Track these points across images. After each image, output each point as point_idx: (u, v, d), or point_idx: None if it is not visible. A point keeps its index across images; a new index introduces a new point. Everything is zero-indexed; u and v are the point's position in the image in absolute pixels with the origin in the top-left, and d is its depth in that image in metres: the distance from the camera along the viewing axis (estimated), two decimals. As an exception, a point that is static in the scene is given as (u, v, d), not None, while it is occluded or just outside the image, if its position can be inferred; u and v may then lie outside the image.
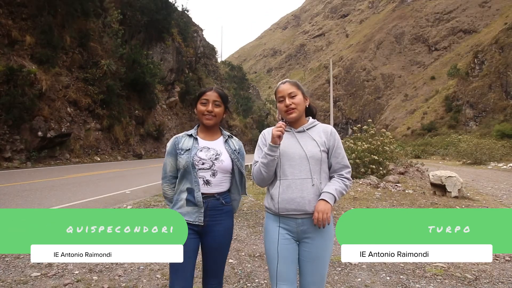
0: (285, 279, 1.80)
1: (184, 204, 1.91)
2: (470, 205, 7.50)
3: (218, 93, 1.98)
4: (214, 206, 1.92)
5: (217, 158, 1.93)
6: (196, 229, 1.91)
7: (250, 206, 6.68)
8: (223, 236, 1.96)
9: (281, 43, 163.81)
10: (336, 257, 3.93)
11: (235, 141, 2.07)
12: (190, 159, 1.89)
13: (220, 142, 2.01)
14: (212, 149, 1.95)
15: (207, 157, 1.91)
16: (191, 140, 1.96)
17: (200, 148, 1.94)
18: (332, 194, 1.79)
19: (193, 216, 1.90)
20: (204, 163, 1.90)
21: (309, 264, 1.84)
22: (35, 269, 3.33)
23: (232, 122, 46.83)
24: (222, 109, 1.99)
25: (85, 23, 20.47)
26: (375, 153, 11.07)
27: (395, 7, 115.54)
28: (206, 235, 1.94)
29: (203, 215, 1.90)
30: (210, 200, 1.91)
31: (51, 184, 8.83)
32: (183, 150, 1.93)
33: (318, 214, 1.75)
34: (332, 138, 1.91)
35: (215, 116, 1.96)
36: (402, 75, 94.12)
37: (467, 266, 3.72)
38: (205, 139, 1.99)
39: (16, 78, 14.49)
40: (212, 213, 1.92)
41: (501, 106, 47.91)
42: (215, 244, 1.95)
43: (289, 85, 1.91)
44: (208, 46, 48.93)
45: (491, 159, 25.68)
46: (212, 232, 1.93)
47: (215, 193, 1.93)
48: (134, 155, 23.24)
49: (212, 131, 2.02)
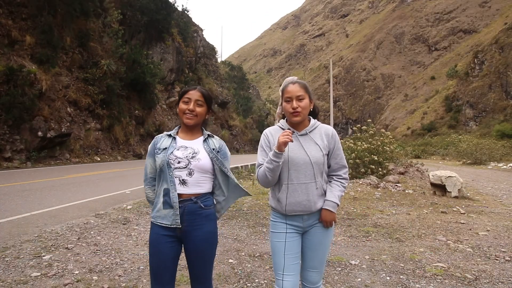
0: (289, 271, 1.91)
1: (162, 207, 1.86)
2: (470, 205, 7.50)
3: (201, 92, 1.94)
4: (192, 210, 1.86)
5: (193, 156, 1.88)
6: (173, 233, 1.86)
7: (250, 206, 6.68)
8: (203, 241, 1.88)
9: (281, 43, 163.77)
10: (336, 257, 3.93)
11: (215, 140, 2.01)
12: (166, 157, 1.85)
13: (199, 141, 1.96)
14: (189, 148, 1.91)
15: (183, 156, 1.87)
16: (170, 140, 1.94)
17: (177, 147, 1.90)
18: (335, 202, 1.93)
19: (170, 219, 1.84)
20: (180, 161, 1.86)
21: (310, 251, 1.98)
22: (35, 269, 3.33)
23: (232, 122, 46.82)
24: (205, 109, 1.95)
25: (85, 23, 20.46)
26: (375, 153, 11.06)
27: (395, 7, 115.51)
28: (186, 241, 1.89)
29: (179, 217, 1.83)
30: (187, 204, 1.85)
31: (51, 184, 8.83)
32: (160, 150, 1.90)
33: (325, 224, 1.95)
34: (333, 140, 1.98)
35: (196, 116, 1.91)
36: (402, 75, 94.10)
37: (467, 266, 3.71)
38: (185, 138, 1.96)
39: (16, 78, 14.49)
40: (190, 218, 1.85)
41: (501, 106, 47.90)
42: (196, 249, 1.88)
43: (298, 87, 1.93)
44: (208, 46, 48.88)
45: (491, 159, 25.67)
46: (192, 237, 1.87)
47: (192, 194, 1.87)
48: (134, 155, 23.23)
49: (193, 131, 1.98)
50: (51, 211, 5.81)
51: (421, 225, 5.50)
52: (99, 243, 4.20)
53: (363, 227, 5.32)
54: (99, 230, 4.79)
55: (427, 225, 5.53)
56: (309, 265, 1.99)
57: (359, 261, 3.82)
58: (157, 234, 1.87)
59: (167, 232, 1.86)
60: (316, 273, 1.99)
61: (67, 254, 3.76)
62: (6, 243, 4.03)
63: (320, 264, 1.99)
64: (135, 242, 4.32)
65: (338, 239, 4.67)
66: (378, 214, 6.24)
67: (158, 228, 1.88)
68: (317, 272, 1.99)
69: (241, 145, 46.93)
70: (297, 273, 1.94)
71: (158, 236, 1.87)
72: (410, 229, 5.23)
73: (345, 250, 4.20)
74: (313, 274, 1.99)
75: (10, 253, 3.70)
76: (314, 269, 1.98)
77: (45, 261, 3.54)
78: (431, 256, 4.01)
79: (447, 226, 5.49)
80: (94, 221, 5.22)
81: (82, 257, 3.70)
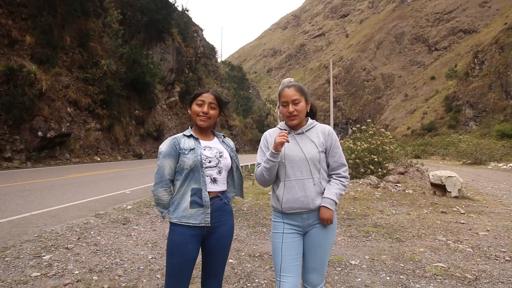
0: (288, 272, 1.90)
1: (188, 207, 1.86)
2: (470, 205, 7.50)
3: (214, 95, 1.99)
4: (219, 206, 1.93)
5: (221, 155, 1.97)
6: (200, 232, 1.89)
7: (250, 206, 6.68)
8: (227, 237, 1.97)
9: (281, 43, 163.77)
10: (336, 257, 3.93)
11: (229, 140, 2.14)
12: (198, 157, 1.88)
13: (217, 142, 2.05)
14: (213, 148, 1.98)
15: (212, 155, 1.94)
16: (192, 140, 1.95)
17: (203, 147, 1.95)
18: (333, 200, 1.92)
19: (198, 218, 1.86)
20: (211, 161, 1.92)
21: (311, 252, 1.97)
22: (35, 269, 3.33)
23: (232, 122, 46.81)
24: (217, 112, 2.01)
25: (85, 23, 20.46)
26: (375, 153, 11.06)
27: (395, 7, 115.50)
28: (209, 237, 1.93)
29: (209, 216, 1.88)
30: (216, 201, 1.92)
31: (51, 184, 8.83)
32: (187, 150, 1.90)
33: (324, 221, 1.93)
34: (329, 138, 2.00)
35: (210, 118, 1.97)
36: (402, 75, 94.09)
37: (467, 266, 3.71)
38: (203, 139, 2.01)
39: (16, 78, 14.49)
40: (218, 214, 1.93)
41: (501, 106, 47.91)
42: (219, 245, 1.95)
43: (294, 91, 1.97)
44: (208, 46, 48.90)
45: (491, 159, 25.67)
46: (216, 233, 1.93)
47: (219, 191, 1.95)
48: (134, 155, 23.23)
49: (206, 132, 2.04)
50: (51, 211, 5.81)
51: (421, 225, 5.50)
52: (99, 243, 4.20)
53: (363, 227, 5.32)
54: (99, 230, 4.79)
55: (427, 225, 5.53)
56: (310, 266, 1.98)
57: (359, 261, 3.82)
58: (184, 235, 1.85)
59: (194, 232, 1.87)
60: (317, 274, 1.97)
61: (67, 254, 3.76)
62: (6, 243, 4.03)
63: (321, 266, 1.98)
64: (135, 242, 4.32)
65: (338, 239, 4.67)
66: (378, 214, 6.24)
67: (183, 229, 1.86)
68: (318, 273, 1.97)
69: (241, 145, 46.92)
70: (297, 274, 1.92)
71: (185, 236, 1.85)
72: (410, 229, 5.23)
73: (345, 250, 4.20)
74: (314, 275, 1.97)
75: (10, 253, 3.70)
76: (315, 270, 1.97)
77: (45, 261, 3.53)
78: (431, 256, 4.01)
79: (447, 226, 5.49)
80: (94, 221, 5.22)
81: (82, 257, 3.70)
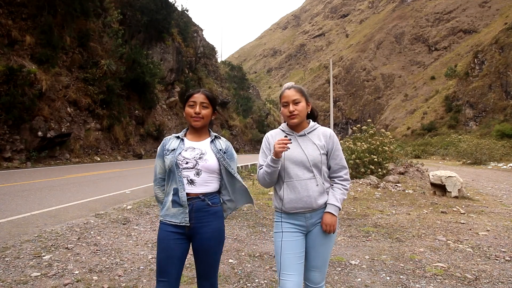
0: (289, 270, 1.92)
1: (170, 206, 1.93)
2: (470, 205, 7.50)
3: (205, 95, 2.01)
4: (200, 207, 1.92)
5: (201, 157, 1.95)
6: (182, 231, 1.92)
7: (250, 206, 6.68)
8: (211, 238, 1.94)
9: (281, 43, 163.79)
10: (336, 257, 3.93)
11: (222, 141, 2.09)
12: (174, 158, 1.93)
13: (206, 142, 2.04)
14: (197, 149, 1.98)
15: (191, 156, 1.95)
16: (178, 141, 2.02)
17: (185, 148, 1.97)
18: (336, 206, 1.98)
19: (179, 217, 1.91)
20: (188, 162, 1.93)
21: (314, 250, 2.01)
22: (35, 269, 3.33)
23: (232, 122, 46.79)
24: (210, 111, 2.03)
25: (85, 23, 20.44)
26: (375, 153, 11.06)
27: (395, 7, 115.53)
28: (194, 238, 1.94)
29: (188, 215, 1.90)
30: (195, 202, 1.92)
31: (51, 184, 8.83)
32: (168, 151, 1.99)
33: (327, 227, 1.96)
34: (331, 141, 2.05)
35: (203, 118, 1.99)
36: (402, 75, 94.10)
37: (467, 266, 3.71)
38: (193, 140, 2.03)
39: (16, 78, 14.48)
40: (198, 215, 1.92)
41: (501, 106, 47.93)
42: (204, 246, 1.94)
43: (294, 92, 2.02)
44: (208, 46, 48.85)
45: (491, 159, 25.67)
46: (200, 234, 1.93)
47: (200, 193, 1.93)
48: (134, 155, 23.22)
49: (201, 132, 2.06)
50: (51, 211, 5.80)
51: (421, 225, 5.50)
52: (99, 243, 4.20)
53: (363, 227, 5.32)
54: (99, 230, 4.79)
55: (427, 225, 5.53)
56: (312, 264, 2.02)
57: (359, 261, 3.82)
58: (166, 232, 1.94)
59: (176, 230, 1.93)
60: (319, 273, 2.02)
61: (67, 254, 3.76)
62: (6, 243, 4.03)
63: (323, 264, 2.02)
64: (135, 242, 4.32)
65: (338, 239, 4.68)
66: (378, 214, 6.24)
67: (167, 226, 1.94)
68: (320, 272, 2.02)
69: (241, 145, 46.91)
70: (299, 273, 1.94)
71: (167, 233, 1.93)
72: (410, 229, 5.23)
73: (345, 250, 4.20)
74: (316, 274, 2.02)
75: (10, 253, 3.70)
76: (317, 268, 2.01)
77: (45, 261, 3.53)
78: (431, 256, 4.01)
79: (447, 226, 5.49)
80: (94, 221, 5.22)
81: (82, 257, 3.70)
